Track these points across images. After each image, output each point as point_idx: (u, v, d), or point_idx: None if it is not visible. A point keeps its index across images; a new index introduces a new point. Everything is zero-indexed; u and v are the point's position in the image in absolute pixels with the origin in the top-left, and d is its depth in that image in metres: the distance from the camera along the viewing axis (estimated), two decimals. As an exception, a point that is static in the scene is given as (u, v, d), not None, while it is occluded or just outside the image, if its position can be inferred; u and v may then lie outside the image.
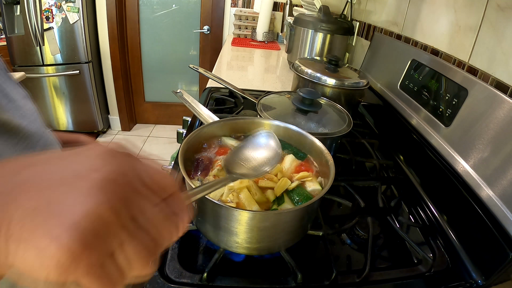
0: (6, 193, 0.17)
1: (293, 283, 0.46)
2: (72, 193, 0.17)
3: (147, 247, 0.19)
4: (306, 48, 1.37)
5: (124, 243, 0.18)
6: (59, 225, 0.16)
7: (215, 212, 0.43)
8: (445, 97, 0.71)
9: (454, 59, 0.74)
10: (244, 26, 2.22)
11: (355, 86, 0.89)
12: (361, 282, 0.48)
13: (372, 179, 0.74)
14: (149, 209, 0.19)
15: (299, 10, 1.87)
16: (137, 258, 0.18)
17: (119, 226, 0.18)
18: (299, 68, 0.93)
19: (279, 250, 0.47)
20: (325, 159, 0.50)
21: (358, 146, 0.85)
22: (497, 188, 0.53)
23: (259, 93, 1.01)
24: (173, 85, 2.81)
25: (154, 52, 2.63)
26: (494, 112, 0.57)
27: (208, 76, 0.95)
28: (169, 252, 0.49)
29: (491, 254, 0.50)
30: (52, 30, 2.09)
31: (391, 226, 0.60)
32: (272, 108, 0.71)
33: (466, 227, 0.57)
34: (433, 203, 0.65)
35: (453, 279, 0.51)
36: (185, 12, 2.50)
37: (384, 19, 1.14)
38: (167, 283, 0.44)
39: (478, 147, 0.59)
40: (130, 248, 0.18)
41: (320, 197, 0.42)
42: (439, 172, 0.66)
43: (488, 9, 0.64)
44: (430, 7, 0.86)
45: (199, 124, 0.84)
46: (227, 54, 1.76)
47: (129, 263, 0.18)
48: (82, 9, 2.08)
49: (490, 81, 0.62)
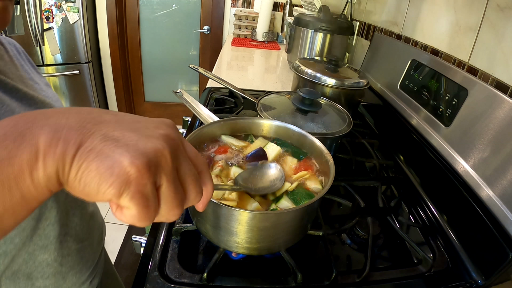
0: (90, 122, 0.21)
1: (293, 283, 0.46)
2: (141, 135, 0.22)
3: (179, 195, 0.23)
4: (306, 48, 1.37)
5: (166, 183, 0.22)
6: (132, 149, 0.21)
7: (215, 212, 0.43)
8: (445, 97, 0.71)
9: (454, 59, 0.74)
10: (244, 26, 2.22)
11: (355, 86, 0.89)
12: (361, 282, 0.48)
13: (372, 179, 0.74)
14: (187, 169, 0.24)
15: (299, 10, 1.87)
16: (170, 200, 0.23)
17: (168, 168, 0.22)
18: (299, 68, 0.93)
19: (279, 250, 0.47)
20: (325, 159, 0.50)
21: (358, 146, 0.85)
22: (497, 188, 0.53)
23: (259, 93, 1.01)
24: (173, 85, 2.82)
25: (154, 52, 2.63)
26: (494, 112, 0.57)
27: (208, 76, 0.95)
28: (169, 252, 0.49)
29: (491, 254, 0.50)
30: (52, 30, 2.09)
31: (391, 226, 0.60)
32: (272, 108, 0.71)
33: (466, 227, 0.57)
34: (433, 203, 0.65)
35: (453, 279, 0.51)
36: (185, 12, 2.50)
37: (384, 19, 1.14)
38: (167, 283, 0.44)
39: (478, 147, 0.59)
40: (168, 190, 0.22)
41: (320, 197, 0.42)
42: (439, 172, 0.66)
43: (488, 9, 0.64)
44: (430, 7, 0.86)
45: (199, 124, 0.84)
46: (227, 54, 1.76)
47: (164, 202, 0.23)
48: (82, 9, 2.08)
49: (490, 81, 0.62)
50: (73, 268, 0.52)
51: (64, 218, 0.48)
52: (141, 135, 0.22)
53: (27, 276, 0.46)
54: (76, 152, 0.20)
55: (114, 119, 0.23)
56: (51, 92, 0.52)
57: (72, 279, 0.53)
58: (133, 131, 0.22)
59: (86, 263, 0.55)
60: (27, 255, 0.45)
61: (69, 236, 0.50)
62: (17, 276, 0.45)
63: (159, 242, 0.50)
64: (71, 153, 0.20)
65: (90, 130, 0.21)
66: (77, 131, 0.20)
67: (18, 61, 0.49)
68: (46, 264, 0.47)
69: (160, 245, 0.50)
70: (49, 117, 0.21)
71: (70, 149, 0.20)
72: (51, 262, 0.48)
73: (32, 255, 0.45)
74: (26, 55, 0.53)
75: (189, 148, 0.26)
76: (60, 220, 0.46)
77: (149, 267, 0.46)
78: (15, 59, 0.49)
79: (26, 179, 0.19)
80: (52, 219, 0.45)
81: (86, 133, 0.20)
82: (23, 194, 0.20)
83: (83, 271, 0.55)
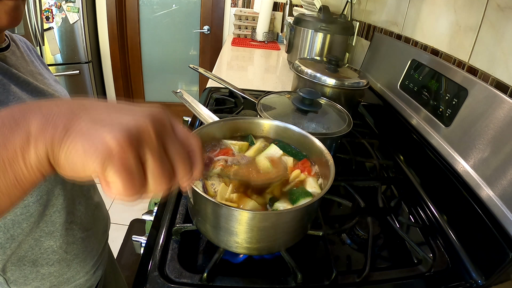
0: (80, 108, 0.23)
1: (293, 283, 0.46)
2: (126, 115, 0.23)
3: (166, 171, 0.24)
4: (306, 48, 1.37)
5: (151, 158, 0.23)
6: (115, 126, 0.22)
7: (215, 212, 0.43)
8: (445, 97, 0.71)
9: (454, 59, 0.74)
10: (244, 26, 2.21)
11: (355, 86, 0.89)
12: (361, 282, 0.48)
13: (372, 179, 0.74)
14: (175, 147, 0.25)
15: (299, 10, 1.87)
16: (156, 175, 0.23)
17: (152, 143, 0.23)
18: (299, 68, 0.93)
19: (279, 250, 0.47)
20: (325, 159, 0.50)
21: (358, 146, 0.85)
22: (497, 188, 0.53)
23: (259, 93, 1.01)
24: (173, 85, 2.81)
25: (154, 52, 2.63)
26: (494, 112, 0.57)
27: (208, 76, 0.95)
28: (169, 252, 0.49)
29: (491, 254, 0.50)
30: (52, 30, 2.09)
31: (391, 226, 0.60)
32: (272, 108, 0.71)
33: (466, 227, 0.57)
34: (433, 203, 0.65)
35: (453, 279, 0.51)
36: (185, 12, 2.50)
37: (384, 19, 1.14)
38: (167, 283, 0.44)
39: (478, 147, 0.59)
40: (154, 165, 0.23)
41: (320, 197, 0.42)
42: (439, 172, 0.66)
43: (488, 9, 0.64)
44: (430, 7, 0.86)
45: (199, 124, 0.84)
46: (227, 54, 1.76)
47: (151, 177, 0.23)
48: (82, 9, 2.08)
49: (490, 81, 0.62)
50: (77, 256, 0.53)
51: (70, 206, 0.49)
52: (126, 115, 0.23)
53: (33, 262, 0.48)
54: (64, 135, 0.21)
55: (104, 105, 0.24)
56: (60, 87, 0.55)
57: (77, 268, 0.54)
58: (119, 112, 0.23)
59: (90, 252, 0.56)
60: (33, 241, 0.46)
61: (75, 224, 0.52)
62: (23, 263, 0.47)
63: (159, 242, 0.50)
64: (60, 136, 0.21)
65: (78, 114, 0.22)
66: (66, 116, 0.22)
67: (28, 57, 0.51)
68: (51, 250, 0.49)
69: (160, 245, 0.49)
70: (42, 106, 0.22)
71: (59, 133, 0.21)
72: (56, 249, 0.49)
73: (38, 241, 0.47)
74: (36, 52, 0.55)
75: (180, 129, 0.27)
76: (67, 208, 0.48)
77: (149, 267, 0.46)
78: (26, 55, 0.51)
79: (19, 161, 0.21)
80: (58, 206, 0.47)
81: (74, 117, 0.22)
82: (16, 176, 0.21)
83: (87, 260, 0.56)
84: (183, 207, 0.58)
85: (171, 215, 0.55)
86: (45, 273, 0.50)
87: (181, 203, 0.59)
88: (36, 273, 0.49)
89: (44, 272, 0.49)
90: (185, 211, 0.57)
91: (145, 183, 0.23)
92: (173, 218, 0.55)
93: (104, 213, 0.65)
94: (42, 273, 0.49)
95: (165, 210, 0.56)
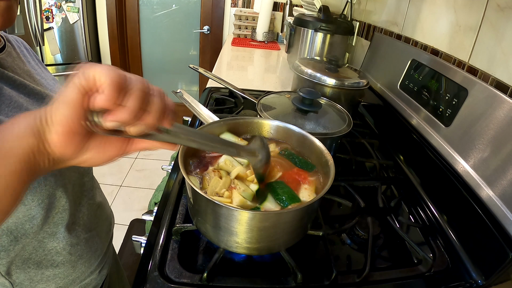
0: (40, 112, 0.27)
1: (293, 283, 0.46)
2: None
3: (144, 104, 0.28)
4: (306, 48, 1.37)
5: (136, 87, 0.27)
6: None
7: (215, 212, 0.43)
8: (445, 97, 0.71)
9: (454, 59, 0.74)
10: (244, 26, 2.21)
11: (355, 86, 0.89)
12: (361, 282, 0.48)
13: (372, 179, 0.74)
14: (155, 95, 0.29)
15: (299, 10, 1.87)
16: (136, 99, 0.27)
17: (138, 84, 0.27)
18: (299, 68, 0.93)
19: (279, 250, 0.47)
20: (325, 159, 0.50)
21: (358, 146, 0.85)
22: (497, 188, 0.53)
23: (259, 93, 1.01)
24: (173, 85, 2.81)
25: (154, 52, 2.63)
26: (494, 112, 0.57)
27: (208, 76, 0.95)
28: (169, 252, 0.49)
29: (491, 254, 0.50)
30: (52, 30, 2.09)
31: (391, 226, 0.60)
32: (272, 108, 0.71)
33: (466, 227, 0.57)
34: (433, 203, 0.65)
35: (453, 279, 0.51)
36: (185, 12, 2.50)
37: (384, 19, 1.14)
38: (167, 283, 0.44)
39: (478, 147, 0.59)
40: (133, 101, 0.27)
41: (320, 197, 0.42)
42: (439, 172, 0.66)
43: (488, 9, 0.64)
44: (430, 7, 0.86)
45: (199, 124, 0.84)
46: (227, 54, 1.76)
47: (134, 97, 0.27)
48: (82, 9, 2.08)
49: (490, 81, 0.62)
50: (82, 257, 0.53)
51: (72, 207, 0.49)
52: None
53: (37, 264, 0.48)
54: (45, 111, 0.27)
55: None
56: (58, 87, 0.55)
57: (81, 268, 0.54)
58: None
59: (95, 252, 0.56)
60: (37, 242, 0.46)
61: (78, 226, 0.52)
62: (27, 265, 0.47)
63: (159, 242, 0.50)
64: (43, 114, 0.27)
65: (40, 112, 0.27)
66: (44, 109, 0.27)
67: (25, 58, 0.51)
68: (55, 252, 0.49)
69: (160, 245, 0.50)
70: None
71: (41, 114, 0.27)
72: (60, 250, 0.49)
73: (42, 242, 0.47)
74: (33, 52, 0.55)
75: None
76: (69, 210, 0.48)
77: (149, 267, 0.46)
78: (22, 56, 0.50)
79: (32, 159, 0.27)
80: (60, 208, 0.47)
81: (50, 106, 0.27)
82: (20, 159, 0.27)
83: (92, 260, 0.56)
84: (183, 207, 0.58)
85: (171, 215, 0.55)
86: (50, 275, 0.50)
87: (181, 203, 0.59)
88: (41, 275, 0.49)
89: (49, 274, 0.49)
90: (185, 211, 0.57)
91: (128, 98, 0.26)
92: (173, 218, 0.55)
93: (107, 212, 0.65)
94: (47, 275, 0.49)
95: (165, 210, 0.56)
